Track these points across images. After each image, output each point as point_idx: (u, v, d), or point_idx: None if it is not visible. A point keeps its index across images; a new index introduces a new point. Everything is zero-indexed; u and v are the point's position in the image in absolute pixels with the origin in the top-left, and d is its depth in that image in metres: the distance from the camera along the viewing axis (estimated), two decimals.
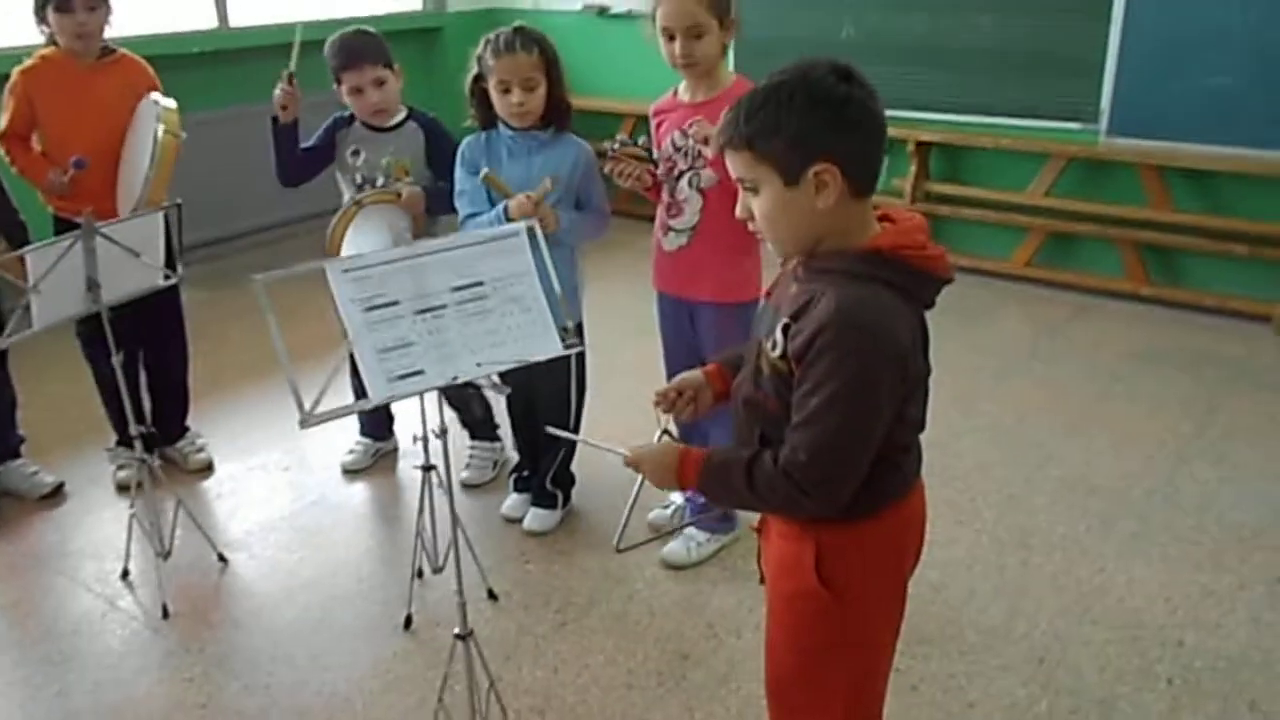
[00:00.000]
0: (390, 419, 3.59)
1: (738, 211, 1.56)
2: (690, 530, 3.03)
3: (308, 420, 1.69)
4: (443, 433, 2.02)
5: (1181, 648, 2.59)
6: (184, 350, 3.51)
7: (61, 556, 3.07)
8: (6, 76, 3.17)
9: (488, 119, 2.86)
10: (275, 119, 3.08)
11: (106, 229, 2.56)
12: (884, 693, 1.75)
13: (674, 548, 2.99)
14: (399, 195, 2.99)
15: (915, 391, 1.50)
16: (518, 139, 2.82)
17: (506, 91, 2.75)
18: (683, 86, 2.77)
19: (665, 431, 1.80)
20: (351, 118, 3.16)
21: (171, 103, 3.07)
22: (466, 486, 3.39)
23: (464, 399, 3.31)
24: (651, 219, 2.90)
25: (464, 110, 2.89)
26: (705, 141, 2.63)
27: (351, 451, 3.55)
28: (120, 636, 2.72)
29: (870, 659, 1.68)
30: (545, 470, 3.15)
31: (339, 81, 3.08)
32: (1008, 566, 2.91)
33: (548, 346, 1.90)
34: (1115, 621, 2.69)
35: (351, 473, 3.51)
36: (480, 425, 3.47)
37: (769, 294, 1.67)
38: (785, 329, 1.47)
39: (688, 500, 3.10)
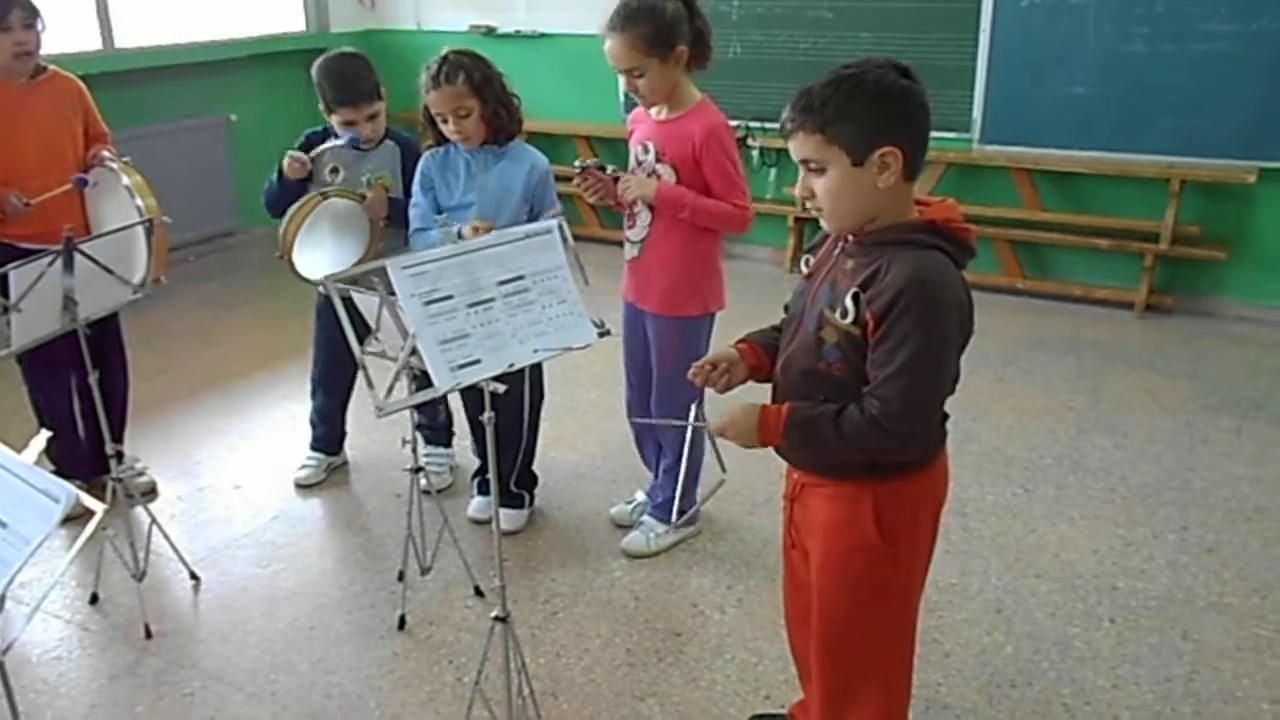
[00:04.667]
0: (343, 434, 3.60)
1: (797, 190, 1.74)
2: (649, 520, 3.17)
3: (383, 410, 1.76)
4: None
5: (1116, 591, 2.89)
6: (125, 371, 3.43)
7: (17, 587, 2.96)
8: None
9: (440, 138, 2.95)
10: (281, 172, 3.11)
11: (86, 247, 2.53)
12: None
13: (634, 537, 3.12)
14: (364, 197, 3.03)
15: (964, 345, 1.71)
16: (474, 154, 2.92)
17: (444, 121, 2.86)
18: None
19: (698, 405, 1.95)
20: (326, 133, 3.18)
21: (137, 176, 3.02)
22: (426, 493, 3.44)
23: (433, 407, 3.36)
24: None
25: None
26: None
27: (304, 467, 3.54)
28: (107, 659, 2.67)
29: (915, 598, 1.88)
30: (508, 472, 3.23)
31: (331, 111, 3.09)
32: (951, 531, 3.17)
33: (584, 335, 2.02)
34: (1055, 574, 2.98)
35: (306, 487, 3.50)
36: (439, 432, 3.53)
37: (810, 275, 1.85)
38: (856, 298, 1.65)
39: (648, 495, 3.24)
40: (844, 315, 1.70)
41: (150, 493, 3.45)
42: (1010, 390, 4.22)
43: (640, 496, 3.29)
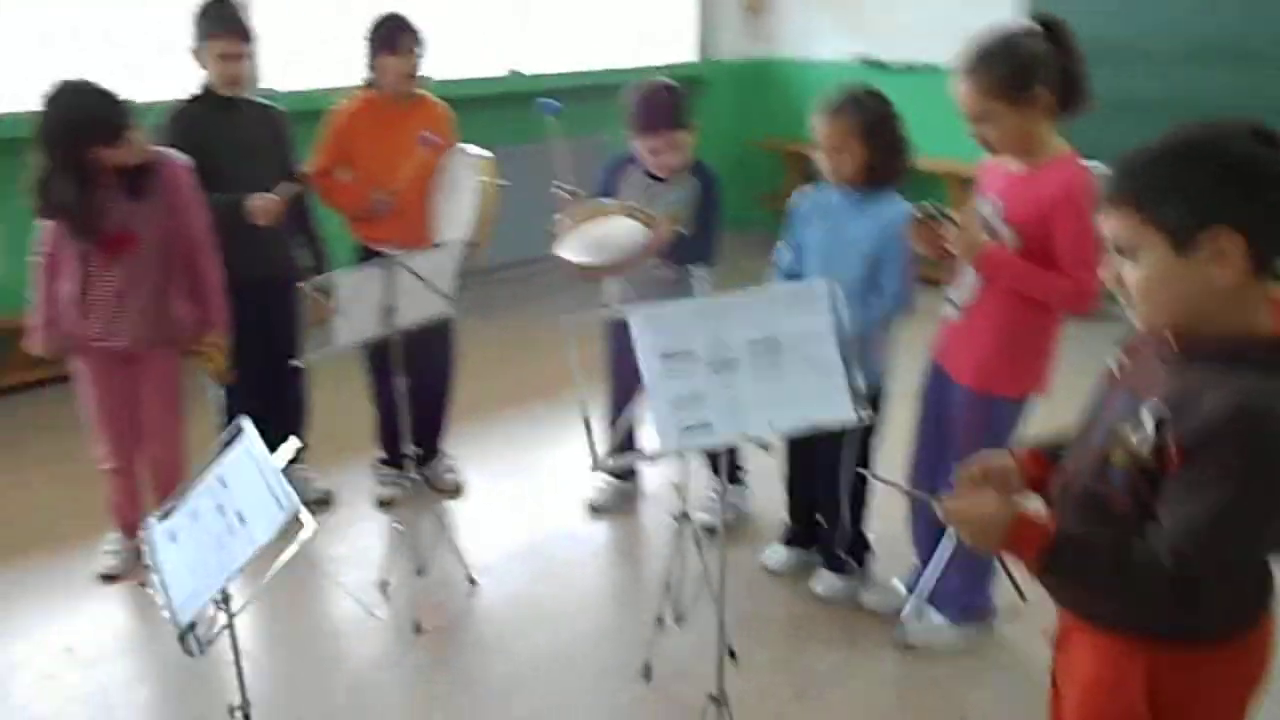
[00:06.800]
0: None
1: (1102, 274, 1.44)
2: (930, 613, 2.86)
3: (599, 465, 1.69)
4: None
5: None
6: (450, 376, 3.66)
7: (328, 561, 3.25)
8: (318, 113, 3.44)
9: None
10: None
11: (408, 261, 2.71)
12: None
13: (912, 628, 2.83)
14: (653, 221, 2.99)
15: None
16: (843, 193, 2.78)
17: (820, 150, 2.75)
18: None
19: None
20: (632, 159, 3.22)
21: (486, 153, 3.22)
22: (705, 530, 3.38)
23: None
24: None
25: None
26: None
27: (599, 489, 3.59)
28: (378, 644, 2.84)
29: None
30: (836, 534, 3.03)
31: (634, 137, 3.12)
32: None
33: (839, 412, 1.83)
34: None
35: (596, 510, 3.55)
36: (728, 470, 3.44)
37: (1115, 375, 1.54)
38: (1159, 418, 1.34)
39: (908, 587, 2.95)
40: (1139, 437, 1.38)
41: (456, 491, 3.65)
42: None
43: (896, 584, 2.99)
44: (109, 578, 3.10)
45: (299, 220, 3.40)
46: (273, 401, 3.46)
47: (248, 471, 1.77)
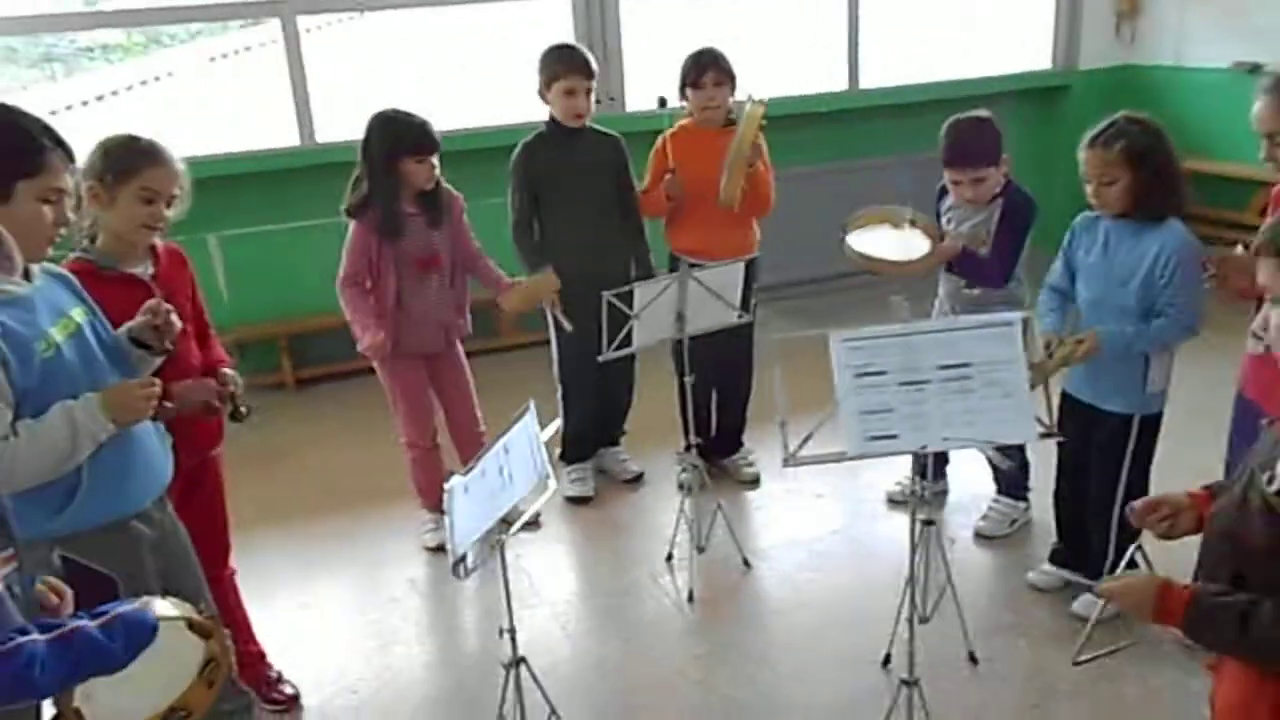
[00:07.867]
0: (944, 460, 3.74)
1: (1254, 323, 1.55)
2: None
3: (789, 461, 1.98)
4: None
5: None
6: (749, 378, 4.02)
7: (628, 532, 3.74)
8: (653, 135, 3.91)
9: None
10: None
11: (697, 274, 3.11)
12: None
13: None
14: (940, 239, 3.15)
15: None
16: (1112, 224, 2.82)
17: (1088, 182, 2.80)
18: None
19: (1138, 546, 1.82)
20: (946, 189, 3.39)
21: (759, 99, 3.57)
22: (979, 537, 3.53)
23: (1005, 458, 3.37)
24: None
25: (1075, 176, 2.92)
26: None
27: (899, 483, 3.78)
28: (655, 607, 3.28)
29: None
30: (1099, 558, 3.04)
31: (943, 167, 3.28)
32: None
33: (1022, 432, 1.99)
34: None
35: (893, 503, 3.78)
36: (1010, 481, 3.53)
37: (1275, 420, 1.61)
38: None
39: None
40: (1271, 481, 1.47)
41: (754, 482, 4.01)
42: None
43: None
44: (435, 549, 3.62)
45: (631, 231, 3.90)
46: (602, 392, 4.01)
47: (523, 442, 2.22)
